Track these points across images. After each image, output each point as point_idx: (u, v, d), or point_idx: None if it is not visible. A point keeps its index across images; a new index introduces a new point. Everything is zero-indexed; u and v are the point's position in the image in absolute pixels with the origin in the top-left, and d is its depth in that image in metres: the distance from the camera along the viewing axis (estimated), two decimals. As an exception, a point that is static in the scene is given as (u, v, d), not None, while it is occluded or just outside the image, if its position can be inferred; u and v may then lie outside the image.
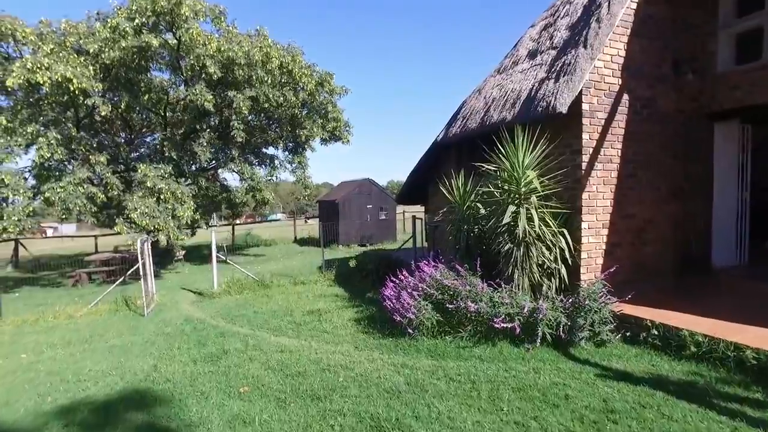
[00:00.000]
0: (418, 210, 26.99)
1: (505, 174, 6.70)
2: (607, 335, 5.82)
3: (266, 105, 15.41)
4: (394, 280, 7.25)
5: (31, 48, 12.09)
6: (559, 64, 7.27)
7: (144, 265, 9.53)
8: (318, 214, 27.20)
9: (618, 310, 5.99)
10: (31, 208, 12.32)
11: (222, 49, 13.00)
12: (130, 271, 9.17)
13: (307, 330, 7.08)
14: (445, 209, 8.48)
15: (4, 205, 12.40)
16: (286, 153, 18.70)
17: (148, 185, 12.55)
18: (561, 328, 5.77)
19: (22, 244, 20.45)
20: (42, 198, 12.54)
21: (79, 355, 6.64)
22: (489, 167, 6.86)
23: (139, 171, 12.77)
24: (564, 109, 6.52)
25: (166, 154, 13.97)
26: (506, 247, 6.40)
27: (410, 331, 6.21)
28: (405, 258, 12.30)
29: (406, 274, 7.08)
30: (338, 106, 17.89)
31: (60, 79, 11.10)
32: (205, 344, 6.64)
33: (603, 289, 6.08)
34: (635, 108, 7.34)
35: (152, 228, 12.07)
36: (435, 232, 11.54)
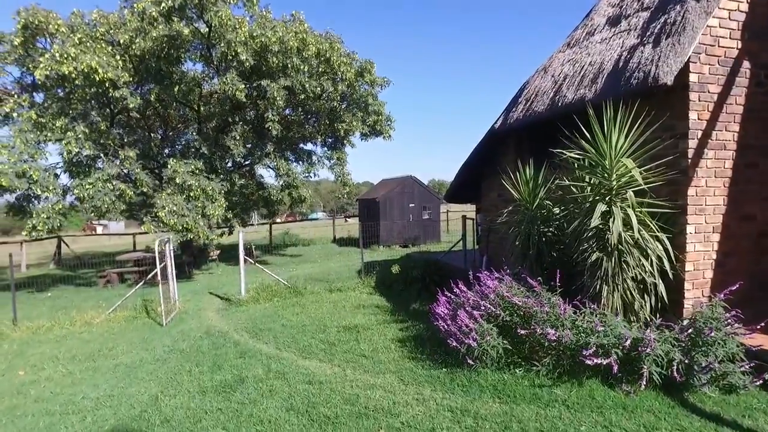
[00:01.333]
0: (466, 209, 25.42)
1: (591, 163, 5.26)
2: (739, 378, 4.31)
3: (302, 96, 14.42)
4: (448, 295, 5.95)
5: (60, 39, 11.55)
6: (658, 26, 5.75)
7: (165, 268, 8.67)
8: (358, 214, 26.15)
9: (755, 345, 4.45)
10: (60, 206, 11.82)
11: (255, 35, 12.06)
12: (149, 276, 8.35)
13: (341, 352, 5.89)
14: (509, 208, 7.06)
15: (36, 203, 11.96)
16: (325, 149, 17.72)
17: (177, 182, 11.77)
18: (674, 367, 4.30)
19: (64, 242, 20.46)
20: (75, 195, 12.04)
21: (79, 375, 5.73)
22: (572, 154, 5.40)
23: (169, 167, 12.03)
24: (669, 80, 5.02)
25: (198, 149, 13.17)
26: (594, 257, 4.97)
27: (470, 361, 4.89)
28: (454, 263, 10.96)
29: (463, 288, 5.75)
30: (379, 98, 16.69)
31: (86, 69, 10.45)
32: (221, 368, 5.57)
33: (725, 314, 4.57)
34: (758, 79, 5.70)
35: (180, 227, 11.27)
36: (489, 234, 10.14)
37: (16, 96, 12.00)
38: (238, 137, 13.16)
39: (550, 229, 6.10)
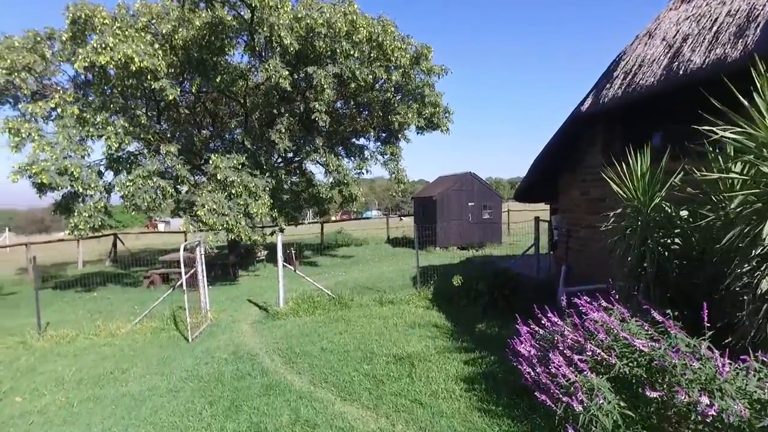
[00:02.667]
0: (531, 208, 23.44)
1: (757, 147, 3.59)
2: None
3: (353, 86, 13.26)
4: (532, 326, 4.46)
5: (100, 31, 11.03)
6: None
7: (196, 274, 7.74)
8: (413, 213, 24.76)
9: None
10: (102, 204, 11.35)
11: (300, 16, 11.00)
12: (179, 283, 7.45)
13: (390, 394, 4.56)
14: (618, 210, 5.37)
15: (80, 201, 11.55)
16: (378, 144, 16.51)
17: (219, 178, 10.95)
18: None
19: (119, 239, 20.57)
20: (118, 193, 11.55)
21: (77, 408, 4.78)
22: (729, 134, 3.70)
23: (211, 162, 11.23)
24: None
25: (241, 144, 12.32)
26: (766, 286, 3.32)
27: (571, 431, 3.41)
28: (525, 271, 9.37)
29: (553, 318, 4.24)
30: (436, 88, 15.24)
31: (122, 59, 9.80)
32: (239, 409, 4.41)
33: None
34: None
35: (220, 227, 10.42)
36: (569, 239, 8.48)
37: (61, 91, 11.64)
38: (283, 130, 12.17)
39: (675, 240, 4.45)
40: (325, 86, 11.37)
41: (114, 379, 5.52)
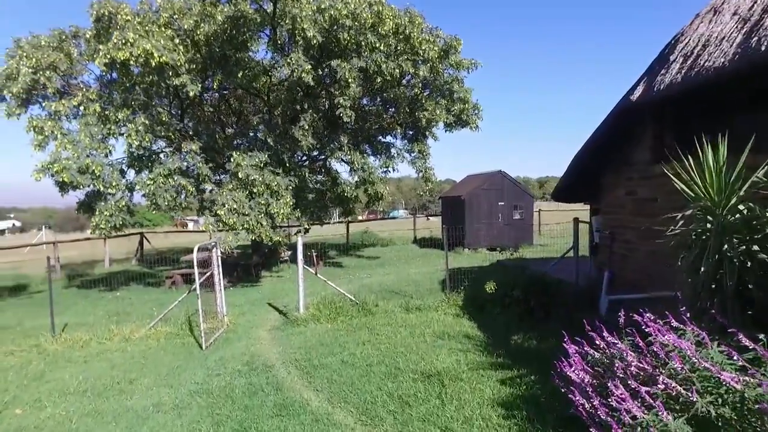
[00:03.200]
0: (565, 208, 22.49)
1: None
2: None
3: (379, 80, 12.73)
4: (587, 351, 3.80)
5: (120, 27, 10.84)
6: None
7: (213, 277, 7.36)
8: (440, 213, 24.09)
9: None
10: (124, 203, 11.16)
11: (323, 7, 10.54)
12: (193, 286, 7.03)
13: (418, 419, 4.01)
14: (687, 212, 4.66)
15: (102, 200, 11.39)
16: (404, 142, 15.95)
17: (240, 176, 10.60)
18: None
19: (146, 238, 20.63)
20: (140, 192, 11.37)
21: (74, 424, 4.41)
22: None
23: (232, 160, 10.90)
24: None
25: (264, 141, 11.95)
26: None
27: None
28: (561, 276, 8.65)
29: (609, 338, 3.59)
30: (465, 84, 14.57)
31: (141, 54, 9.54)
32: (247, 433, 3.94)
33: None
34: None
35: (240, 227, 10.06)
36: (614, 243, 7.74)
37: (84, 89, 11.52)
38: (306, 127, 11.74)
39: (759, 246, 3.74)
40: (349, 80, 10.87)
41: (120, 391, 5.14)
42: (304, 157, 14.99)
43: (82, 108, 11.01)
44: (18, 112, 11.37)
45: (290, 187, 11.66)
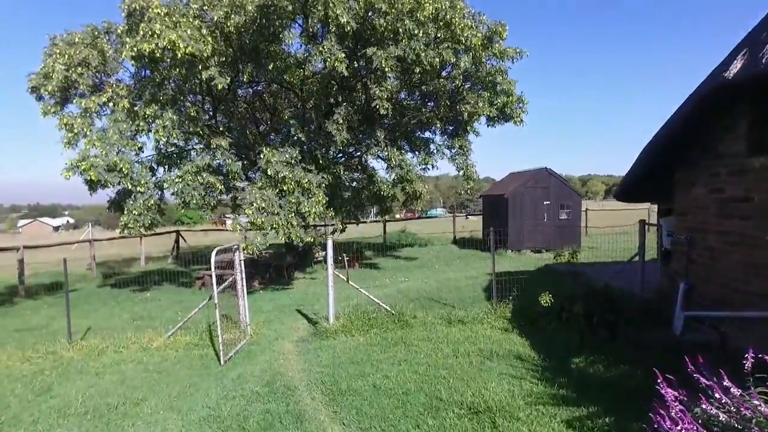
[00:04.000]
0: (619, 207, 20.95)
1: None
2: None
3: (418, 71, 11.87)
4: (679, 393, 2.84)
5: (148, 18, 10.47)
6: None
7: (235, 283, 6.76)
8: (481, 212, 22.99)
9: None
10: (153, 201, 10.81)
11: (357, -10, 9.81)
12: (209, 298, 6.39)
13: (465, 475, 3.18)
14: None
15: (132, 198, 11.09)
16: (444, 137, 15.05)
17: (269, 173, 10.03)
18: None
19: (182, 236, 20.58)
20: (169, 190, 11.03)
21: (66, 458, 3.83)
22: None
23: (262, 156, 10.35)
24: None
25: (295, 136, 11.33)
26: None
27: None
28: (623, 284, 7.59)
29: (734, 390, 2.63)
30: (509, 75, 13.52)
31: (168, 45, 9.10)
32: (256, 484, 3.22)
33: None
34: None
35: (268, 227, 9.48)
36: (692, 249, 6.62)
37: (114, 85, 11.25)
38: (341, 121, 11.05)
39: None
40: (386, 69, 10.08)
41: (123, 414, 4.56)
42: (339, 154, 14.34)
43: (111, 104, 10.73)
44: (54, 110, 11.22)
45: (323, 185, 11.01)
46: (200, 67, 10.12)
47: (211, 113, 12.67)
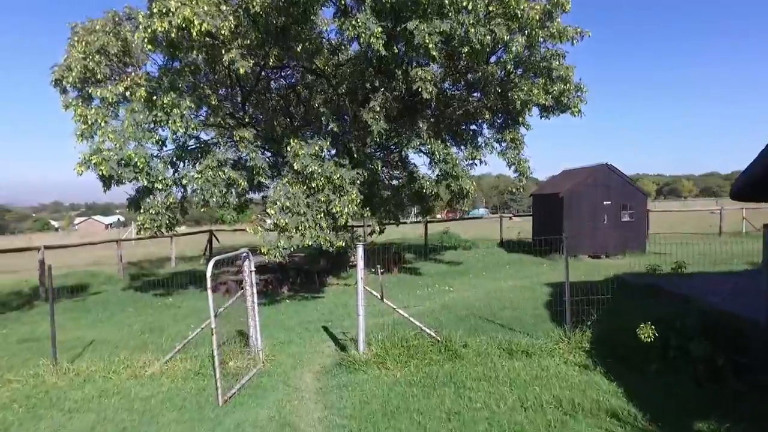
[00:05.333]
0: (692, 209, 18.48)
1: None
2: None
3: (465, 50, 10.34)
4: None
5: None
6: None
7: (245, 299, 5.53)
8: (527, 212, 21.14)
9: None
10: (172, 199, 9.86)
11: (398, -44, 8.43)
12: (212, 320, 5.23)
13: None
14: None
15: (151, 196, 10.17)
16: (491, 130, 13.47)
17: (296, 168, 8.82)
18: None
19: (215, 236, 19.85)
20: (186, 186, 10.05)
21: None
22: None
23: (289, 148, 9.15)
24: None
25: (326, 126, 10.08)
26: None
27: None
28: (736, 309, 5.86)
29: None
30: (566, 60, 11.76)
31: (181, 23, 8.04)
32: None
33: None
34: None
35: (293, 229, 8.28)
36: None
37: (134, 74, 10.36)
38: (378, 109, 9.71)
39: None
40: (429, 46, 8.64)
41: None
42: (377, 149, 13.03)
43: (128, 94, 9.83)
44: (74, 103, 10.47)
45: (358, 182, 9.72)
46: (223, 51, 9.06)
47: (239, 104, 11.65)
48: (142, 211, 9.58)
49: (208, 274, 4.58)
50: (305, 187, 8.92)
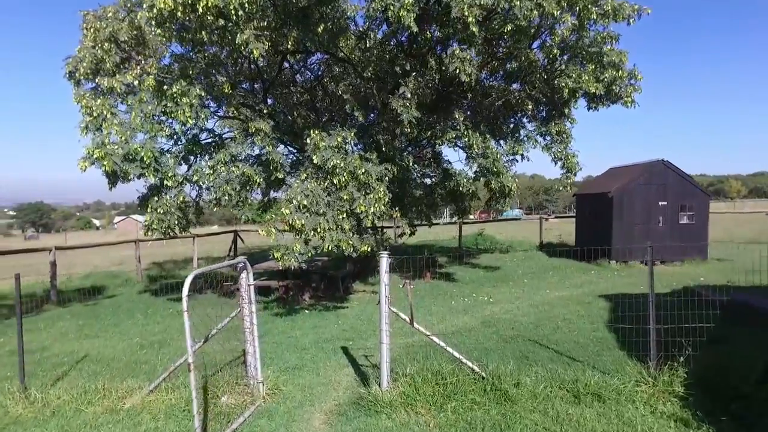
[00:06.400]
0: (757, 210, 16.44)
1: None
2: None
3: (508, 29, 9.06)
4: None
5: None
6: None
7: (242, 320, 4.51)
8: (569, 213, 19.52)
9: None
10: (182, 198, 9.03)
11: None
12: (188, 345, 4.28)
13: None
14: None
15: (161, 194, 9.36)
16: (535, 123, 12.11)
17: (315, 161, 7.79)
18: None
19: (239, 236, 19.14)
20: (197, 183, 9.22)
21: None
22: None
23: (309, 140, 8.14)
24: None
25: (350, 114, 9.02)
26: None
27: None
28: None
29: None
30: (619, 43, 10.30)
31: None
32: None
33: None
34: None
35: (309, 232, 7.25)
36: None
37: (143, 62, 9.58)
38: (409, 95, 8.57)
39: None
40: (469, 18, 7.43)
41: None
42: (407, 143, 11.90)
43: (137, 83, 9.06)
44: (83, 95, 9.79)
45: (386, 178, 8.62)
46: (236, 32, 8.14)
47: (261, 96, 10.75)
48: (149, 210, 8.77)
49: (185, 293, 3.56)
50: (326, 184, 7.88)
